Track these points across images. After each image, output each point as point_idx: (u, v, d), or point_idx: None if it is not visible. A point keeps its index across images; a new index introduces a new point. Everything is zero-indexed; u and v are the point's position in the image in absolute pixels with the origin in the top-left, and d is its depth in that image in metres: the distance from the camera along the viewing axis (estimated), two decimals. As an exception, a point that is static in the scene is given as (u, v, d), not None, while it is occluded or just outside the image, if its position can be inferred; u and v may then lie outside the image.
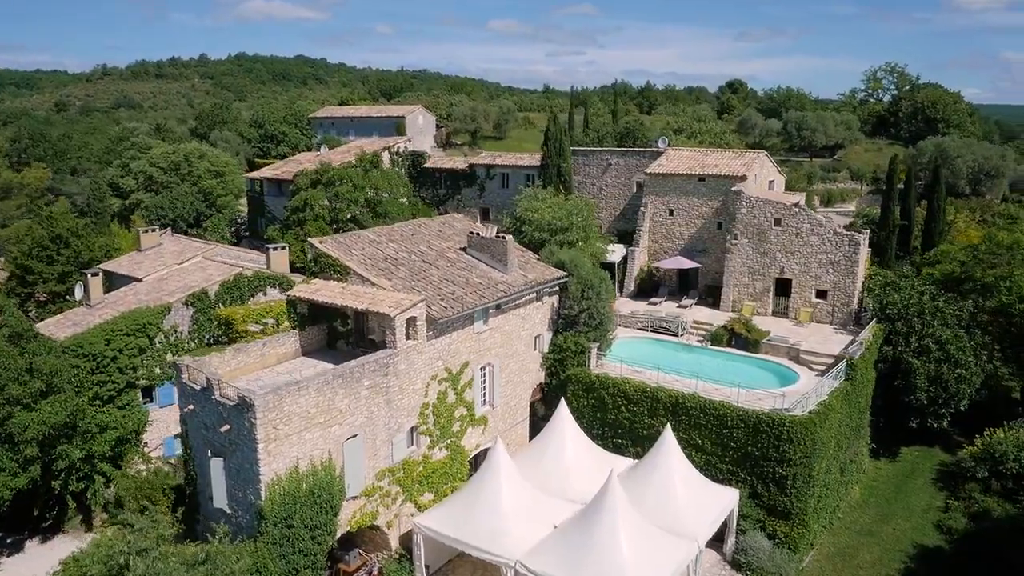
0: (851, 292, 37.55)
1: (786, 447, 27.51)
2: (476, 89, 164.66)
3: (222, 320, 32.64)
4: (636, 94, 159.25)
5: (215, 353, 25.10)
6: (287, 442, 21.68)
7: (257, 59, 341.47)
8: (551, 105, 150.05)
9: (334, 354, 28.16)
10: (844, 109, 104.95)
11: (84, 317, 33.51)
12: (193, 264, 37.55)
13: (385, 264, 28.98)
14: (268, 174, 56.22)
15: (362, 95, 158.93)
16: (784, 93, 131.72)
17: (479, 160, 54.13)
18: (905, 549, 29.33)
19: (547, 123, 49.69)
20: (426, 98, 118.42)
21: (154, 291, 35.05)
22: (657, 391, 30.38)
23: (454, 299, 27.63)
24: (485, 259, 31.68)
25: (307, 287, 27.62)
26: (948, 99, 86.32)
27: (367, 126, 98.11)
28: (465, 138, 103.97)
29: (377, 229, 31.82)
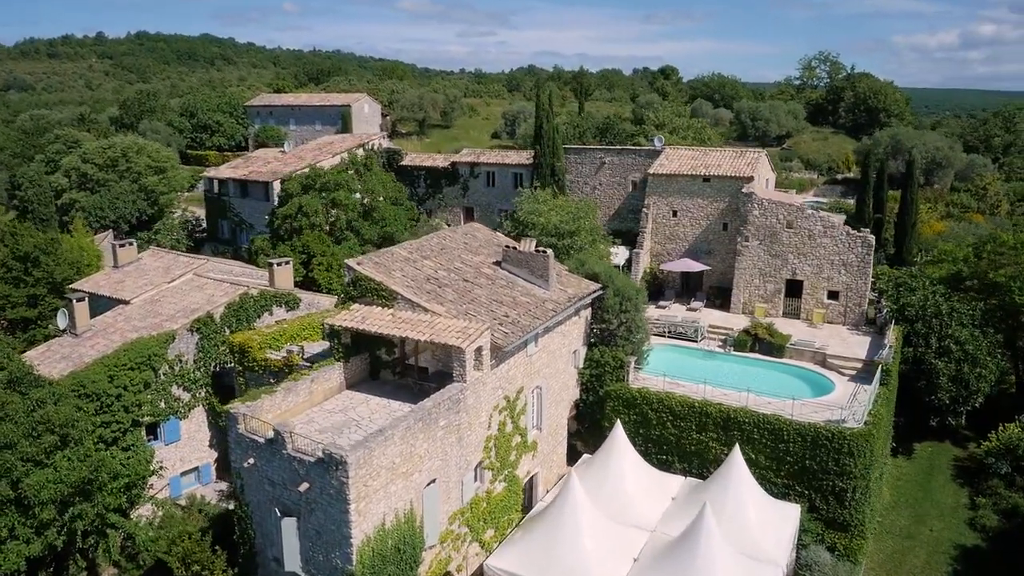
0: (863, 293, 38.02)
1: (846, 460, 27.41)
2: (407, 74, 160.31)
3: (235, 347, 29.84)
4: (570, 79, 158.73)
5: (266, 396, 22.68)
6: (374, 498, 19.74)
7: (160, 38, 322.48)
8: (486, 91, 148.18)
9: (379, 385, 26.15)
10: (781, 97, 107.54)
11: (73, 348, 30.00)
12: (185, 283, 34.28)
13: (429, 285, 27.03)
14: (233, 174, 52.34)
15: (284, 79, 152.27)
16: (718, 80, 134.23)
17: (462, 158, 52.07)
18: (947, 551, 29.92)
19: (537, 119, 48.14)
20: (367, 85, 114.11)
21: (148, 315, 31.76)
22: (706, 405, 29.76)
23: (512, 323, 26.03)
24: (523, 274, 30.11)
25: (351, 315, 25.36)
26: (888, 90, 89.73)
27: (308, 115, 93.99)
28: (411, 126, 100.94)
29: (407, 245, 29.69)
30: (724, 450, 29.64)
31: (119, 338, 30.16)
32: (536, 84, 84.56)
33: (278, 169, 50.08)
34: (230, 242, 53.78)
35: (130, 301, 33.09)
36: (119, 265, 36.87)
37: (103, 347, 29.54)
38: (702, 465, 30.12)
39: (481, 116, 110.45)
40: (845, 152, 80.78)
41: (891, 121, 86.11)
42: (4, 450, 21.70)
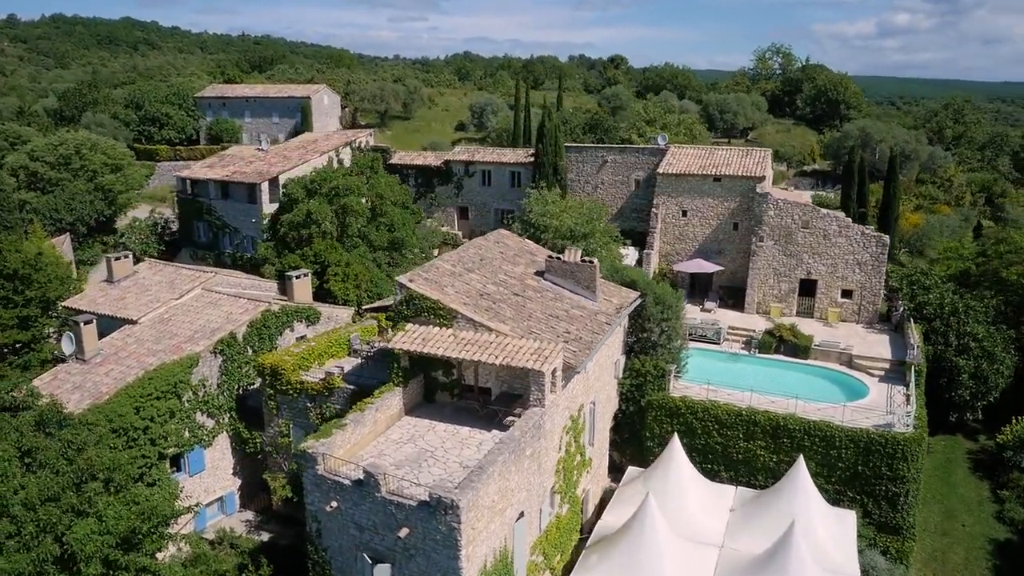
0: (877, 291, 38.54)
1: (900, 465, 27.64)
2: (354, 63, 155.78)
3: (266, 370, 27.93)
4: (520, 68, 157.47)
5: (337, 430, 21.11)
6: (479, 540, 18.59)
7: (77, 21, 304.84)
8: (437, 80, 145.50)
9: (437, 409, 24.88)
10: (737, 88, 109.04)
11: (85, 376, 27.50)
12: (195, 299, 31.96)
13: (484, 301, 25.79)
14: (211, 174, 49.33)
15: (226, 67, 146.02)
16: (670, 70, 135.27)
17: (456, 156, 50.48)
18: (983, 546, 30.64)
19: (540, 118, 46.97)
20: (321, 75, 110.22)
21: (162, 336, 29.44)
22: (753, 413, 29.54)
23: (576, 340, 25.09)
24: (568, 285, 29.15)
25: (410, 337, 23.94)
26: (847, 82, 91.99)
27: (265, 107, 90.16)
28: (370, 118, 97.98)
29: (447, 257, 28.29)
30: (773, 458, 29.58)
31: (135, 363, 27.83)
32: (516, 83, 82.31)
33: (264, 170, 47.43)
34: (210, 246, 50.84)
35: (137, 321, 30.63)
36: (115, 280, 34.12)
37: (119, 374, 27.19)
38: (750, 474, 29.96)
39: (440, 107, 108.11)
40: (810, 144, 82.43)
41: (850, 113, 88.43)
42: (48, 503, 19.54)
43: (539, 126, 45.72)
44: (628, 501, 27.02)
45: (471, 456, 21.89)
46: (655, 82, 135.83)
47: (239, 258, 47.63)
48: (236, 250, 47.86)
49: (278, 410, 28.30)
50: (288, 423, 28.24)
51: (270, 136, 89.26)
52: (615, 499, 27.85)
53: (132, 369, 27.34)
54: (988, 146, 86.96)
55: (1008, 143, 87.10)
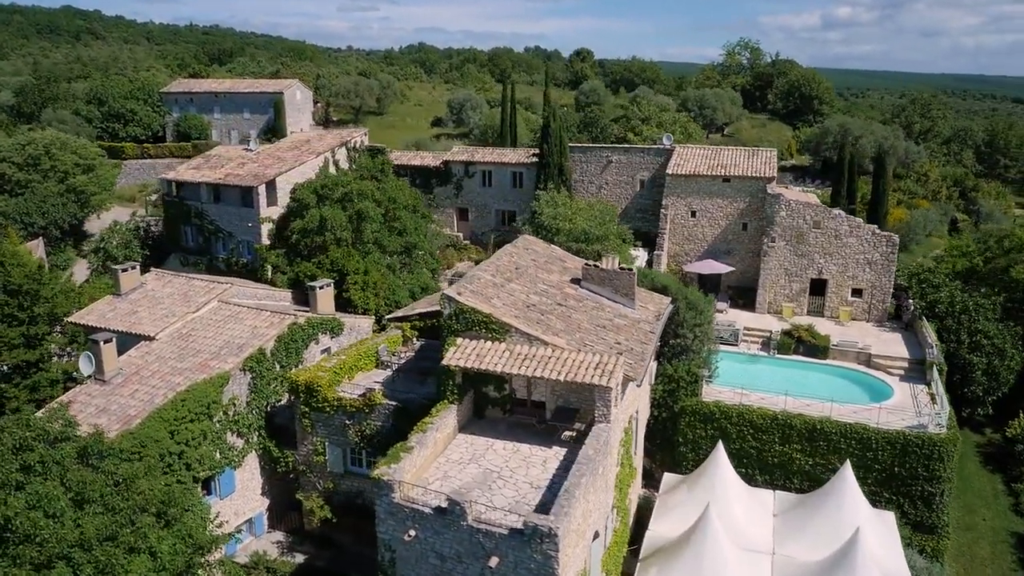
0: (887, 290, 39.16)
1: (936, 465, 28.11)
2: (316, 55, 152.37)
3: (300, 387, 26.93)
4: (486, 61, 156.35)
5: (404, 454, 20.38)
6: (569, 566, 18.13)
7: (15, 9, 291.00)
8: (405, 74, 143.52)
9: (490, 425, 24.33)
10: (708, 83, 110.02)
11: (108, 398, 26.09)
12: (213, 312, 30.64)
13: (533, 313, 25.26)
14: (199, 176, 47.44)
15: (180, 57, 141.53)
16: (638, 64, 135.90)
17: (456, 156, 49.59)
18: (1006, 540, 31.45)
19: (545, 117, 46.40)
20: (292, 69, 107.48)
21: (185, 353, 28.13)
22: (789, 417, 29.69)
23: (629, 351, 24.73)
24: (606, 293, 28.78)
25: (464, 353, 23.27)
26: (818, 78, 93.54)
27: (236, 102, 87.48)
28: (342, 114, 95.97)
29: (485, 266, 27.60)
30: (809, 461, 29.80)
31: (160, 383, 26.52)
32: (503, 80, 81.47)
33: (259, 172, 45.81)
34: (200, 251, 48.98)
35: (155, 336, 29.20)
36: (122, 293, 32.49)
37: (145, 395, 25.87)
38: (785, 477, 30.14)
39: (412, 102, 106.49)
40: (786, 139, 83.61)
41: (823, 108, 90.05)
42: (106, 542, 18.41)
43: (543, 126, 45.19)
44: (675, 510, 26.88)
45: (539, 476, 21.42)
46: (623, 76, 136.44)
47: (234, 264, 46.03)
48: (231, 255, 46.20)
49: (313, 428, 27.34)
50: (323, 441, 27.33)
51: (241, 132, 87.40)
52: (659, 508, 27.67)
53: (159, 390, 26.04)
54: (953, 140, 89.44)
55: (972, 137, 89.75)
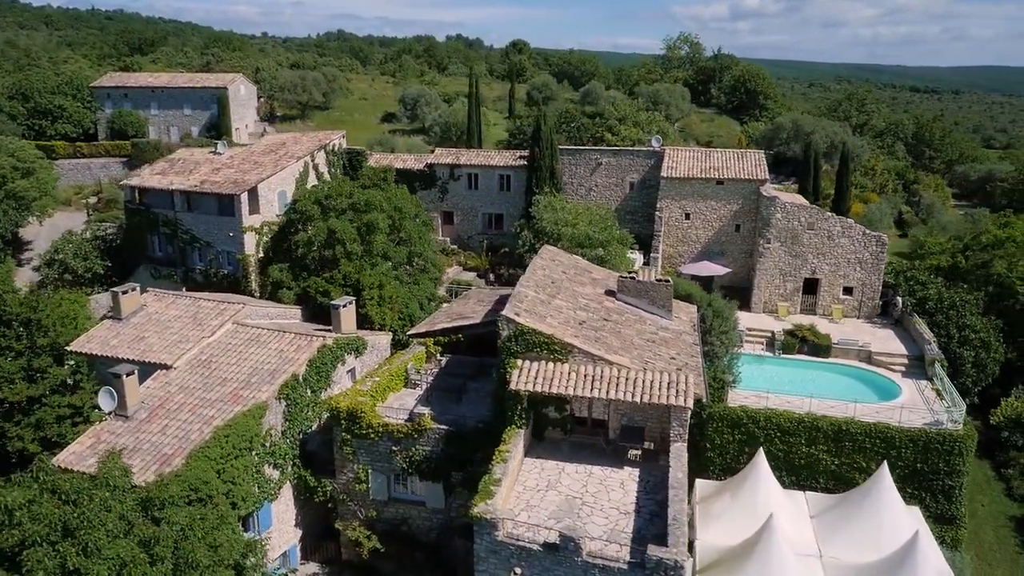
0: (876, 288, 40.73)
1: (956, 460, 29.48)
2: (244, 45, 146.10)
3: (341, 413, 25.84)
4: (421, 52, 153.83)
5: (494, 487, 19.82)
6: (681, 593, 18.05)
7: None
8: (338, 64, 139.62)
9: (552, 447, 24.07)
10: (649, 77, 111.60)
11: (136, 436, 24.34)
12: (229, 335, 29.00)
13: (587, 331, 25.03)
14: (178, 184, 44.71)
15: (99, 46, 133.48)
16: (578, 56, 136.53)
17: (440, 159, 48.52)
18: (1006, 524, 33.40)
19: (536, 119, 45.93)
20: (233, 63, 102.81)
21: (212, 383, 26.52)
22: (816, 419, 30.50)
23: (686, 366, 24.82)
24: (643, 305, 28.84)
25: (530, 376, 22.87)
26: (763, 73, 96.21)
27: (175, 98, 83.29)
28: (287, 109, 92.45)
29: (525, 282, 27.10)
30: (835, 461, 30.70)
31: (191, 416, 24.94)
32: (469, 75, 79.70)
33: (238, 179, 43.50)
34: (171, 262, 46.31)
35: (172, 365, 27.41)
36: (123, 316, 30.32)
37: (178, 431, 24.27)
38: (811, 477, 30.97)
39: (355, 96, 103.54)
40: (735, 134, 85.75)
41: (767, 103, 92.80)
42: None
43: (534, 129, 44.70)
44: (721, 517, 27.10)
45: (621, 500, 21.27)
46: (563, 68, 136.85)
47: (213, 275, 43.76)
48: (209, 266, 43.86)
49: (354, 455, 26.30)
50: (366, 468, 26.33)
51: (182, 129, 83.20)
52: (701, 516, 27.83)
53: (192, 424, 24.48)
54: (886, 133, 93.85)
55: (903, 130, 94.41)
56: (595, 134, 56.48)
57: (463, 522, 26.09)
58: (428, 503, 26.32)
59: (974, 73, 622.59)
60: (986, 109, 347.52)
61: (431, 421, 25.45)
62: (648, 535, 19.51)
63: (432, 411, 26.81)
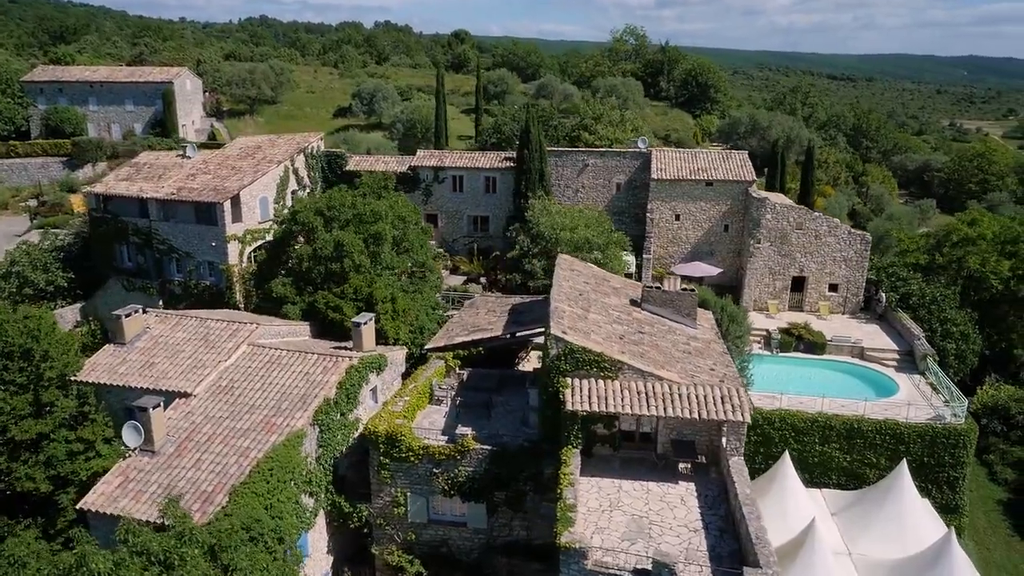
0: (860, 284, 42.26)
1: (960, 452, 31.00)
2: (176, 34, 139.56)
3: (380, 437, 25.16)
4: (361, 42, 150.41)
5: (571, 514, 19.65)
6: (768, 611, 18.34)
7: None
8: (276, 55, 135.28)
9: (603, 463, 24.07)
10: (599, 70, 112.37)
11: (167, 473, 23.04)
12: (247, 357, 27.76)
13: (629, 345, 25.06)
14: (144, 192, 42.38)
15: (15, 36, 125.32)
16: (523, 47, 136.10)
17: (424, 161, 47.57)
18: (995, 508, 35.34)
19: (525, 120, 45.52)
20: (170, 54, 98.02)
21: (237, 410, 25.35)
22: (829, 419, 31.50)
23: (725, 376, 25.14)
24: (667, 314, 29.05)
25: (584, 395, 22.78)
26: (714, 67, 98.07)
27: (116, 93, 79.25)
28: (234, 104, 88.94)
29: (557, 296, 26.84)
30: (847, 458, 31.84)
31: (225, 448, 23.79)
32: (438, 70, 77.61)
33: (218, 185, 41.52)
34: (143, 274, 43.97)
35: (192, 393, 26.08)
36: (127, 341, 28.62)
37: (214, 465, 23.13)
38: (824, 474, 32.03)
39: (302, 89, 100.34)
40: (690, 127, 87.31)
41: (718, 96, 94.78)
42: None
43: (523, 131, 44.31)
44: (752, 521, 27.85)
45: (686, 517, 21.44)
46: (508, 59, 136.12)
47: (193, 287, 41.88)
48: (189, 278, 41.91)
49: (392, 479, 25.68)
50: (404, 492, 25.75)
51: (124, 126, 79.06)
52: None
53: (228, 457, 23.37)
54: (828, 125, 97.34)
55: (844, 122, 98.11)
56: (571, 133, 56.46)
57: (505, 541, 25.95)
58: (470, 523, 25.95)
59: (884, 61, 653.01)
60: (897, 96, 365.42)
61: (474, 441, 25.05)
62: (723, 553, 19.76)
63: (463, 428, 26.44)
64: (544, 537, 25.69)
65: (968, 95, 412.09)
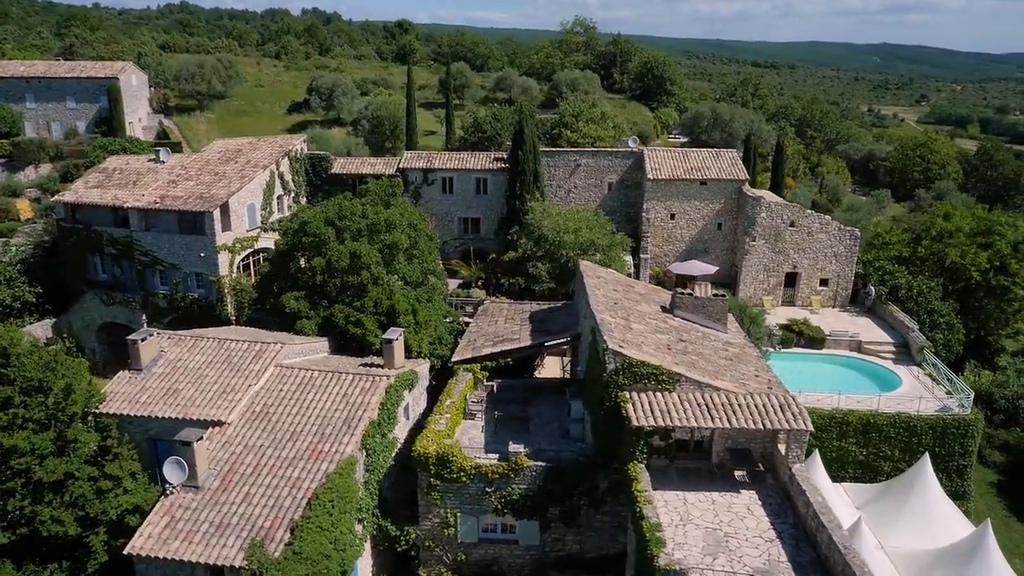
0: (849, 279, 43.58)
1: (969, 441, 32.41)
2: (103, 22, 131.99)
3: (430, 459, 24.54)
4: (302, 33, 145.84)
5: (660, 533, 19.57)
6: (859, 619, 18.72)
7: None
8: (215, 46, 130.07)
9: (660, 474, 23.97)
10: (551, 61, 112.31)
11: (215, 510, 21.88)
12: (277, 380, 26.58)
13: (678, 355, 25.09)
14: (119, 200, 39.99)
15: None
16: (470, 37, 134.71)
17: (412, 163, 46.46)
18: (989, 491, 37.06)
19: (517, 119, 44.92)
20: (108, 46, 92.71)
21: (279, 439, 24.28)
22: (845, 414, 32.42)
23: (768, 382, 25.50)
24: (699, 320, 29.27)
25: (650, 410, 22.68)
26: (668, 60, 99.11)
27: (56, 90, 74.84)
28: (179, 98, 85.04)
29: (598, 307, 26.69)
30: (863, 452, 32.86)
31: (275, 479, 22.76)
32: (408, 67, 75.23)
33: (206, 193, 39.46)
34: (120, 286, 41.62)
35: (226, 420, 24.82)
36: (143, 367, 26.96)
37: (266, 499, 22.08)
38: (840, 468, 32.94)
39: (251, 83, 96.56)
40: (648, 119, 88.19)
41: (673, 89, 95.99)
42: None
43: (517, 131, 43.68)
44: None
45: (757, 527, 21.64)
46: (455, 51, 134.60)
47: (180, 300, 39.94)
48: (175, 291, 39.90)
49: (442, 500, 25.09)
50: (455, 512, 25.22)
51: (66, 125, 74.55)
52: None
53: (281, 489, 22.37)
54: (778, 116, 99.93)
55: (792, 113, 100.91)
56: (551, 131, 56.17)
57: (557, 556, 25.76)
58: (521, 540, 25.63)
59: (804, 48, 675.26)
60: (819, 83, 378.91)
61: (527, 459, 24.69)
62: (803, 562, 20.05)
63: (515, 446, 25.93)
64: (597, 550, 25.72)
65: (883, 82, 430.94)
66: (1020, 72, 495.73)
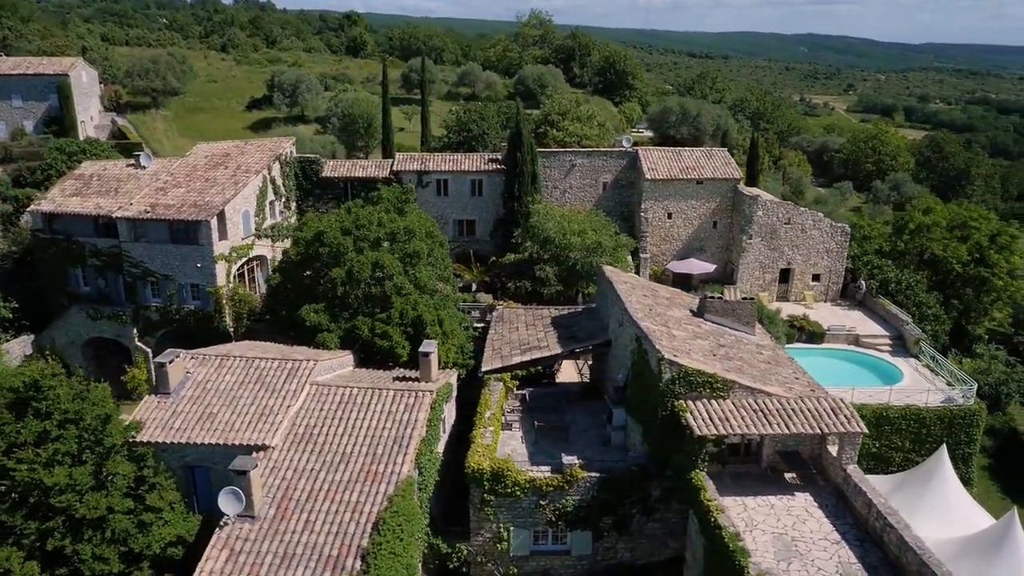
0: (840, 273, 44.91)
1: (974, 431, 33.88)
2: (34, 13, 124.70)
3: (484, 474, 24.25)
4: (247, 25, 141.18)
5: (741, 542, 19.78)
6: (936, 617, 19.35)
7: None
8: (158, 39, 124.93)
9: (715, 480, 24.20)
10: (510, 55, 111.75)
11: (277, 540, 21.11)
12: (315, 400, 25.78)
13: (722, 360, 25.38)
14: (104, 209, 38.01)
15: None
16: (425, 30, 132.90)
17: (406, 165, 45.57)
18: (984, 474, 38.72)
19: (514, 119, 44.53)
20: (46, 40, 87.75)
21: (329, 461, 23.56)
22: (860, 408, 33.23)
23: (807, 384, 26.06)
24: (729, 323, 29.67)
25: (710, 419, 22.89)
26: (628, 54, 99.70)
27: (1, 87, 70.02)
28: (131, 95, 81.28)
29: (637, 314, 26.77)
30: (876, 444, 33.97)
31: (335, 505, 22.06)
32: (383, 62, 72.95)
33: (200, 201, 37.79)
34: (105, 299, 39.64)
35: (270, 445, 23.96)
36: (172, 390, 25.73)
37: (328, 526, 21.40)
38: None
39: (203, 79, 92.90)
40: (613, 114, 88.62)
41: (635, 83, 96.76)
42: None
43: (514, 133, 43.31)
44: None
45: (819, 529, 22.12)
46: (406, 43, 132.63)
47: (175, 312, 38.39)
48: (169, 303, 38.29)
49: (495, 515, 24.84)
50: (507, 526, 25.00)
51: (12, 124, 70.42)
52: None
53: (343, 515, 21.73)
54: (735, 109, 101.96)
55: (748, 106, 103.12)
56: (536, 130, 55.85)
57: (609, 564, 25.84)
58: (573, 551, 25.60)
59: (736, 39, 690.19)
60: (752, 73, 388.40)
61: (581, 471, 24.63)
62: (873, 563, 20.60)
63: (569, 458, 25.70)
64: (647, 556, 25.90)
65: (812, 72, 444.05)
66: (937, 62, 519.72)
